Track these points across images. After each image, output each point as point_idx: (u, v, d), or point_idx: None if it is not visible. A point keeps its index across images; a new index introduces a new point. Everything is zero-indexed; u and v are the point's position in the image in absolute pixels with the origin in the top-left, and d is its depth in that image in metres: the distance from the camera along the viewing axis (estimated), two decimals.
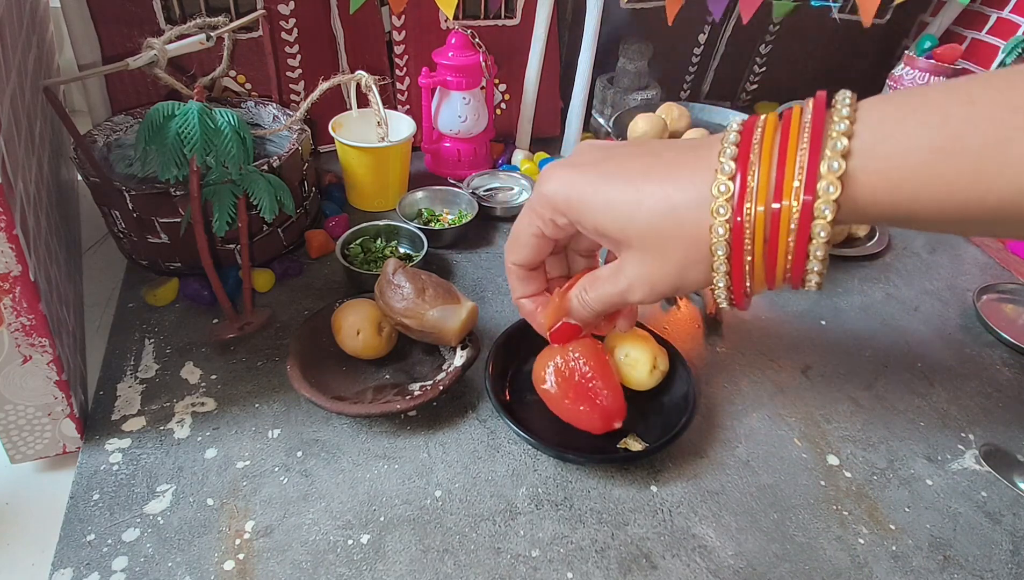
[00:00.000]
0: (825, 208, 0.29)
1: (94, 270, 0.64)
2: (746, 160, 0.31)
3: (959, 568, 0.43)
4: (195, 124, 0.54)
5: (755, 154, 0.31)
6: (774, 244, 0.31)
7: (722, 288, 0.34)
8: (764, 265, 0.32)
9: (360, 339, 0.51)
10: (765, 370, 0.57)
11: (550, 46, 0.82)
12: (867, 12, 0.77)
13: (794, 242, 0.30)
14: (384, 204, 0.74)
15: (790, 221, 0.30)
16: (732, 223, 0.31)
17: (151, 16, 0.68)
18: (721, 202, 0.31)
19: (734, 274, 0.33)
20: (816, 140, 0.29)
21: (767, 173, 0.30)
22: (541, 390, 0.47)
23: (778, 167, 0.30)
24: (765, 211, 0.30)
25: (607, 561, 0.41)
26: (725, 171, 0.31)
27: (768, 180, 0.30)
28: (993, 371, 0.59)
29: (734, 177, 0.31)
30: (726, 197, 0.31)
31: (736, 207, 0.30)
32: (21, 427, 0.44)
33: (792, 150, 0.30)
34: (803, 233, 0.30)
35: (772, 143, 0.31)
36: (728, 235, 0.31)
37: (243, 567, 0.39)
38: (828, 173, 0.29)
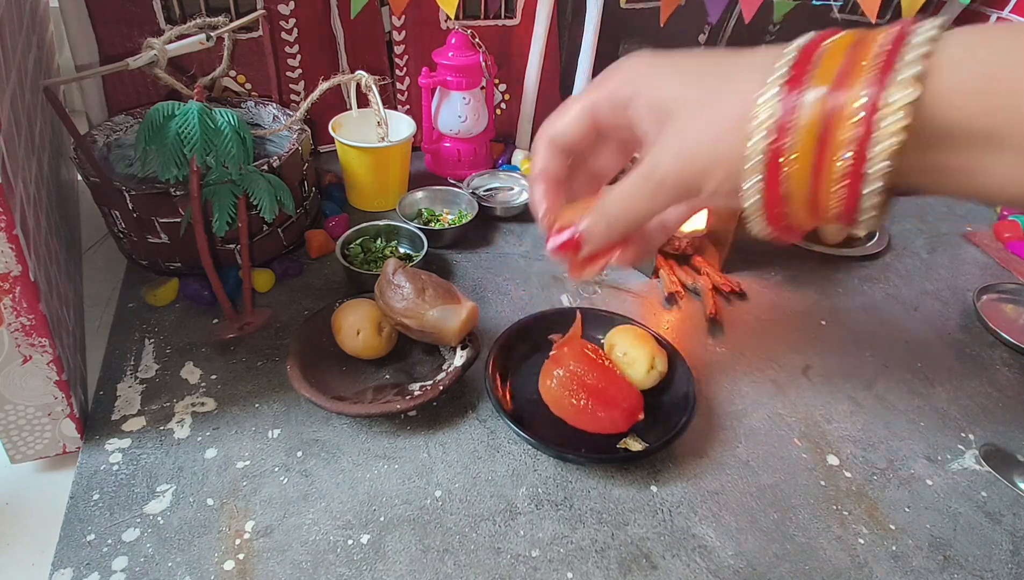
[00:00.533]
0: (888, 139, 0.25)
1: (94, 270, 0.64)
2: (808, 60, 0.27)
3: (959, 568, 0.43)
4: (195, 124, 0.54)
5: (818, 55, 0.27)
6: (826, 149, 0.27)
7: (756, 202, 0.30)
8: (810, 181, 0.28)
9: (360, 339, 0.51)
10: (765, 370, 0.57)
11: (550, 46, 0.82)
12: (871, 9, 0.77)
13: (853, 155, 0.26)
14: (384, 204, 0.74)
15: (849, 119, 0.26)
16: (774, 131, 0.27)
17: (151, 16, 0.68)
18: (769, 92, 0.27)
19: (768, 179, 0.28)
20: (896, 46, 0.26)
21: (830, 71, 0.26)
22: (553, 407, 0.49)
23: (843, 69, 0.26)
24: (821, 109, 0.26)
25: (607, 561, 0.41)
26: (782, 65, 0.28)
27: (829, 78, 0.26)
28: (993, 371, 0.59)
29: (789, 72, 0.27)
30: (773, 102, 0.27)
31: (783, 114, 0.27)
32: (21, 427, 0.44)
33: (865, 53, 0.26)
34: (863, 144, 0.26)
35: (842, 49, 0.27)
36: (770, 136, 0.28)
37: (243, 567, 0.39)
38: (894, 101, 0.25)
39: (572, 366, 0.48)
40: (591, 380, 0.47)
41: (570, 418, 0.48)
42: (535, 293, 0.63)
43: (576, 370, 0.47)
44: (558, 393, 0.48)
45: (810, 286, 0.67)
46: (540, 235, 0.72)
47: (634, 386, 0.48)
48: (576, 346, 0.49)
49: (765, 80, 0.28)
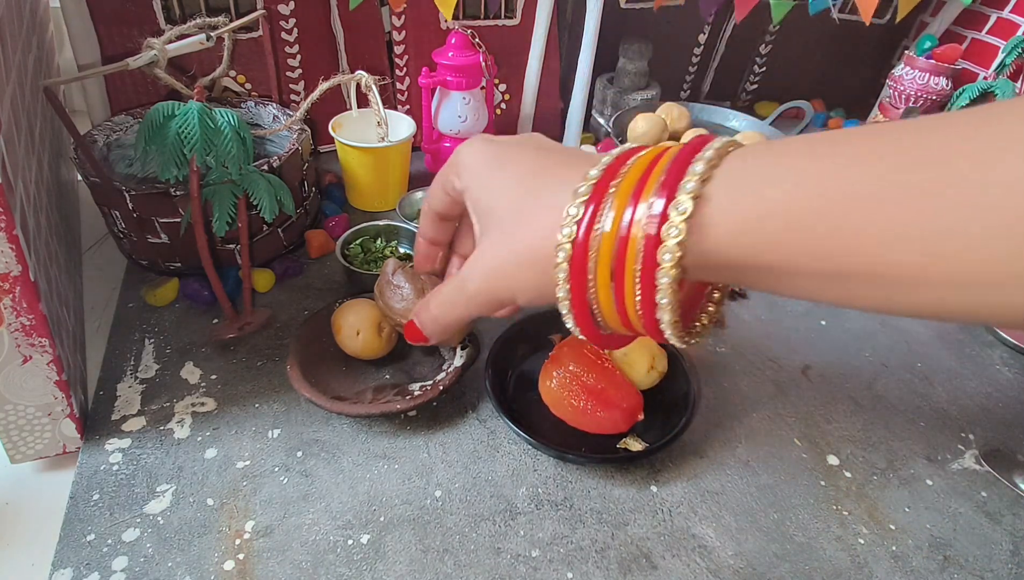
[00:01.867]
0: (666, 253, 0.26)
1: (94, 270, 0.64)
2: (604, 190, 0.29)
3: (959, 568, 0.43)
4: (195, 124, 0.54)
5: (615, 186, 0.28)
6: (620, 283, 0.28)
7: (565, 307, 0.31)
8: (613, 299, 0.29)
9: (360, 339, 0.51)
10: (765, 370, 0.57)
11: (550, 46, 0.82)
12: (866, 11, 0.77)
13: (640, 277, 0.28)
14: (384, 204, 0.74)
15: (636, 253, 0.27)
16: (575, 247, 0.29)
17: (151, 16, 0.68)
18: (569, 226, 0.29)
19: (574, 298, 0.30)
20: (674, 179, 0.27)
21: (621, 203, 0.28)
22: (553, 408, 0.48)
23: (632, 203, 0.27)
24: (613, 242, 0.28)
25: (607, 561, 0.41)
26: (580, 193, 0.29)
27: (620, 212, 0.28)
28: (993, 371, 0.59)
29: (587, 203, 0.29)
30: (574, 219, 0.29)
31: (583, 235, 0.28)
32: (21, 427, 0.44)
33: (649, 187, 0.27)
34: (648, 274, 0.27)
35: (636, 177, 0.28)
36: (570, 257, 0.29)
37: (243, 567, 0.39)
38: (676, 216, 0.26)
39: (572, 367, 0.47)
40: (591, 381, 0.47)
41: (570, 418, 0.48)
42: None
43: (576, 370, 0.47)
44: (558, 393, 0.48)
45: None
46: None
47: (634, 386, 0.48)
48: (576, 346, 0.49)
49: (570, 198, 0.29)
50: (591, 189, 0.29)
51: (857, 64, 1.04)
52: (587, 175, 0.29)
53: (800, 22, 0.89)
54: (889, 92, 0.91)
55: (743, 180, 0.26)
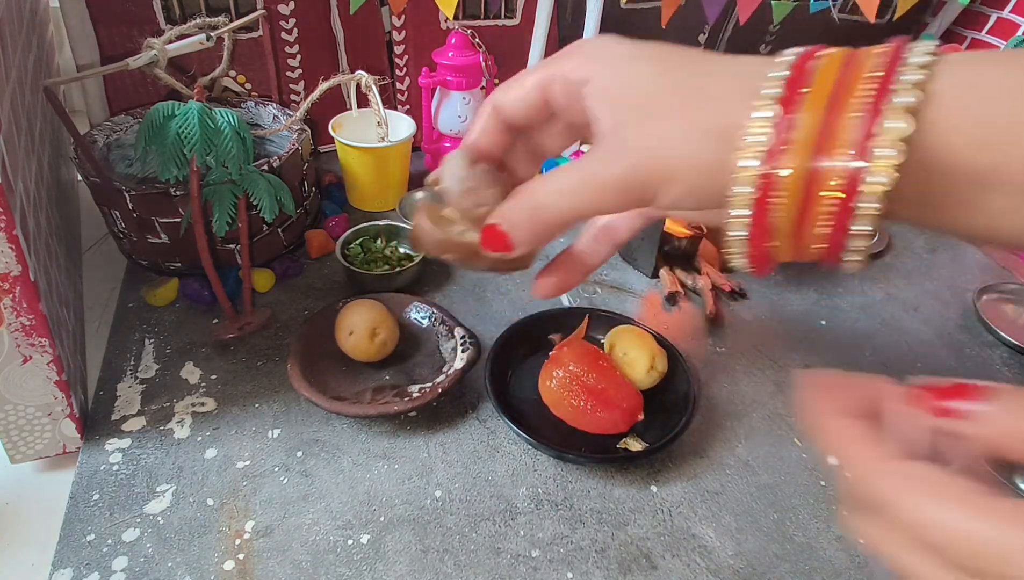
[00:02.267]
0: (880, 175, 0.24)
1: (94, 270, 0.64)
2: (794, 97, 0.25)
3: None
4: (195, 124, 0.54)
5: (806, 92, 0.25)
6: (814, 195, 0.25)
7: (741, 235, 0.27)
8: (795, 216, 0.26)
9: (351, 340, 0.51)
10: (765, 370, 0.57)
11: (550, 46, 0.82)
12: (869, 10, 0.77)
13: (843, 190, 0.24)
14: (384, 204, 0.74)
15: (841, 160, 0.24)
16: (760, 178, 0.25)
17: (151, 16, 0.68)
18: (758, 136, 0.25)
19: (756, 217, 0.26)
20: (887, 76, 0.24)
21: (819, 112, 0.24)
22: (554, 408, 0.49)
23: (831, 107, 0.24)
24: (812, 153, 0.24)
25: (607, 561, 0.41)
26: (767, 100, 0.25)
27: (819, 120, 0.24)
28: (993, 371, 0.59)
29: (776, 112, 0.25)
30: (763, 130, 0.25)
31: (776, 145, 0.24)
32: (21, 427, 0.44)
33: (856, 86, 0.24)
34: (853, 183, 0.24)
35: (831, 79, 0.25)
36: (754, 190, 0.25)
37: (243, 567, 0.39)
38: (889, 131, 0.23)
39: (572, 367, 0.48)
40: (591, 381, 0.47)
41: (570, 418, 0.48)
42: None
43: (576, 371, 0.47)
44: (558, 394, 0.48)
45: (810, 286, 0.67)
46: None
47: (634, 386, 0.48)
48: (576, 347, 0.49)
49: (756, 93, 0.25)
50: (784, 80, 0.25)
51: None
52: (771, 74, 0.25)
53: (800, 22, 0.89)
54: None
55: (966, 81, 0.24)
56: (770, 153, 0.25)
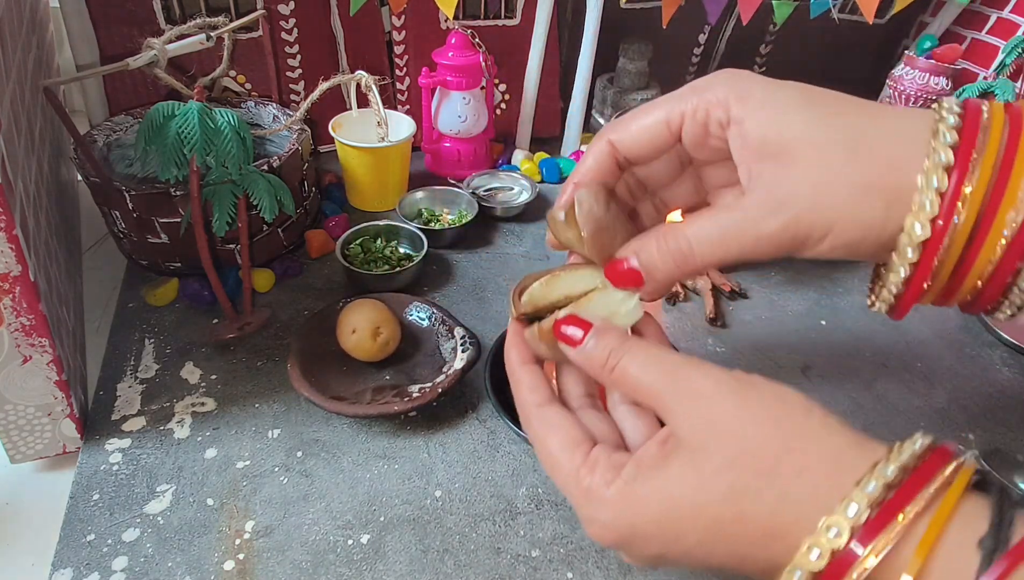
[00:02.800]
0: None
1: (94, 270, 0.64)
2: (970, 147, 0.25)
3: None
4: (195, 124, 0.54)
5: (979, 145, 0.25)
6: (972, 256, 0.25)
7: (894, 283, 0.27)
8: (953, 273, 0.26)
9: (353, 338, 0.51)
10: (765, 370, 0.57)
11: (550, 46, 0.82)
12: (868, 9, 0.77)
13: (1000, 257, 0.25)
14: (384, 204, 0.74)
15: (1001, 232, 0.25)
16: (933, 225, 0.25)
17: (151, 16, 0.68)
18: (934, 180, 0.25)
19: (916, 276, 0.26)
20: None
21: (988, 176, 0.25)
22: None
23: (1001, 170, 0.25)
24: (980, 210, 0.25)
25: (607, 561, 0.41)
26: (943, 147, 0.25)
27: (987, 184, 0.25)
28: (993, 371, 0.59)
29: (952, 158, 0.25)
30: (940, 177, 0.25)
31: (946, 208, 0.25)
32: (21, 427, 0.44)
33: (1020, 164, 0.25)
34: (1017, 249, 0.25)
35: (999, 140, 0.25)
36: (925, 235, 0.25)
37: (243, 567, 0.39)
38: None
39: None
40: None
41: None
42: None
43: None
44: None
45: (810, 286, 0.67)
46: (542, 237, 0.72)
47: None
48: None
49: (923, 152, 0.25)
50: (957, 137, 0.25)
51: (857, 64, 1.04)
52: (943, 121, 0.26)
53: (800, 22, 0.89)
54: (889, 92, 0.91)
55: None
56: (942, 217, 0.25)
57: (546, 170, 0.81)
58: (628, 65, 0.87)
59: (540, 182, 0.82)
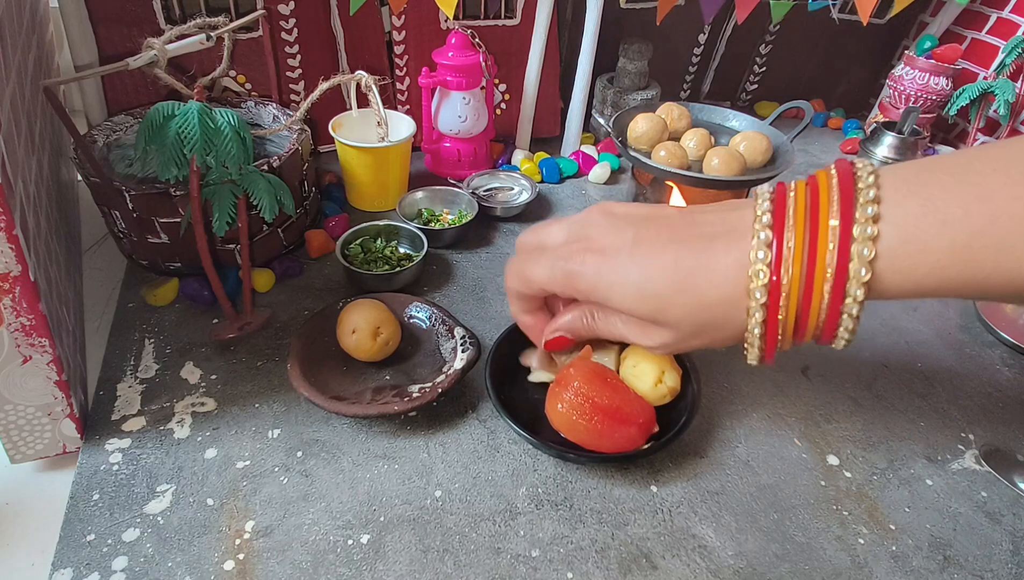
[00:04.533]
0: (861, 268, 0.31)
1: (94, 270, 0.64)
2: (782, 224, 0.33)
3: (959, 568, 0.43)
4: (195, 124, 0.54)
5: (789, 221, 0.32)
6: (807, 305, 0.33)
7: (754, 349, 0.35)
8: (795, 325, 0.34)
9: (354, 338, 0.51)
10: (765, 370, 0.57)
11: (550, 46, 0.82)
12: (864, 11, 0.77)
13: (828, 302, 0.32)
14: (384, 204, 0.74)
15: (824, 282, 0.32)
16: (770, 286, 0.32)
17: (151, 16, 0.68)
18: (760, 267, 0.32)
19: (768, 333, 0.34)
20: (846, 202, 0.31)
21: (802, 239, 0.32)
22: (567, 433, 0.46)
23: (810, 234, 0.32)
24: (800, 272, 0.32)
25: (607, 561, 0.41)
26: (763, 238, 0.33)
27: (803, 246, 0.32)
28: (993, 371, 0.59)
29: (771, 244, 0.32)
30: (765, 263, 0.32)
31: (774, 269, 0.32)
32: (21, 427, 0.44)
33: (824, 213, 0.32)
34: (837, 293, 0.32)
35: (804, 207, 0.33)
36: (766, 298, 0.33)
37: (243, 567, 0.39)
38: (860, 237, 0.31)
39: (579, 385, 0.45)
40: (604, 400, 0.44)
41: (587, 442, 0.45)
42: None
43: (586, 390, 0.45)
44: (569, 417, 0.45)
45: None
46: None
47: (644, 399, 0.47)
48: (581, 367, 0.46)
49: (747, 266, 0.33)
50: (771, 229, 0.33)
51: (857, 64, 1.04)
52: (758, 219, 0.33)
53: (800, 22, 0.89)
54: (889, 92, 0.91)
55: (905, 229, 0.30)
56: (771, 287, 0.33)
57: (546, 170, 0.82)
58: (628, 65, 0.87)
59: (540, 182, 0.82)
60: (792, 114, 0.85)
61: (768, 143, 0.76)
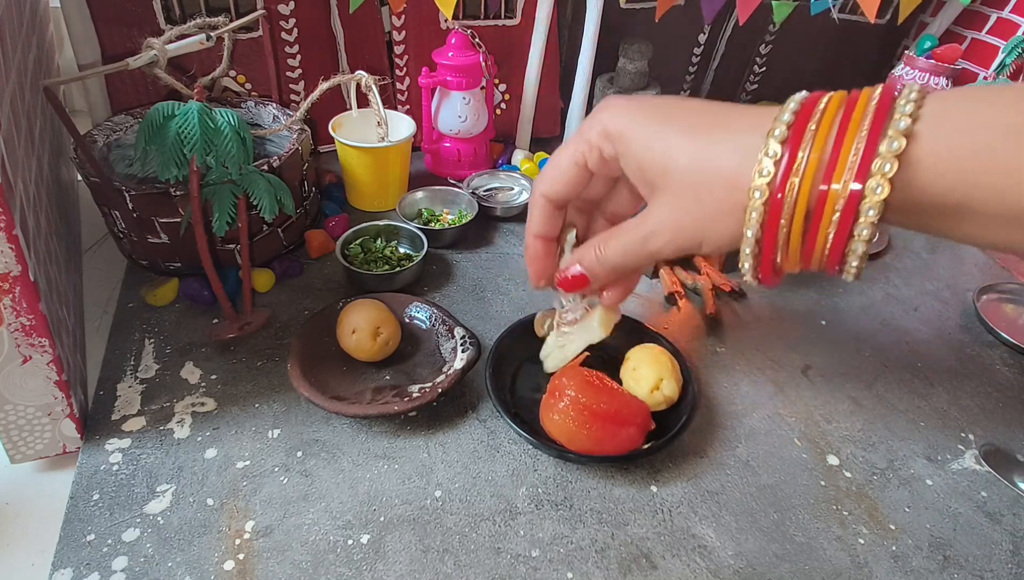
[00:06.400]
0: (878, 187, 0.28)
1: (94, 270, 0.64)
2: (800, 135, 0.29)
3: (959, 568, 0.43)
4: (195, 124, 0.54)
5: (811, 131, 0.29)
6: (816, 222, 0.30)
7: (748, 255, 0.32)
8: (801, 243, 0.31)
9: (354, 339, 0.51)
10: (765, 370, 0.57)
11: (550, 46, 0.82)
12: (870, 10, 0.77)
13: (838, 222, 0.29)
14: (384, 204, 0.74)
15: (836, 201, 0.29)
16: (771, 196, 0.30)
17: (151, 16, 0.68)
18: (768, 166, 0.30)
19: (765, 245, 0.31)
20: (879, 120, 0.28)
21: (820, 150, 0.29)
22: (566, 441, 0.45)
23: (834, 146, 0.29)
24: (811, 189, 0.29)
25: (607, 561, 0.41)
26: (777, 135, 0.30)
27: (820, 158, 0.29)
28: (993, 371, 0.59)
29: (783, 150, 0.29)
30: (773, 159, 0.30)
31: (780, 183, 0.29)
32: (21, 427, 0.44)
33: (853, 130, 0.29)
34: (848, 213, 0.29)
35: (832, 121, 0.29)
36: (765, 207, 0.30)
37: (243, 567, 0.39)
38: (887, 152, 0.28)
39: (581, 398, 0.44)
40: (600, 406, 0.44)
41: (588, 449, 0.45)
42: (535, 293, 0.63)
43: (581, 398, 0.44)
44: (566, 426, 0.44)
45: (810, 286, 0.67)
46: None
47: (637, 398, 0.47)
48: (573, 374, 0.46)
49: (761, 141, 0.30)
50: (787, 131, 0.30)
51: (857, 64, 1.04)
52: (778, 118, 0.30)
53: (800, 22, 0.89)
54: None
55: (945, 123, 0.28)
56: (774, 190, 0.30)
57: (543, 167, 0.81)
58: (628, 65, 0.87)
59: None
60: None
61: None
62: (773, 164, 0.29)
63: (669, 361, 0.50)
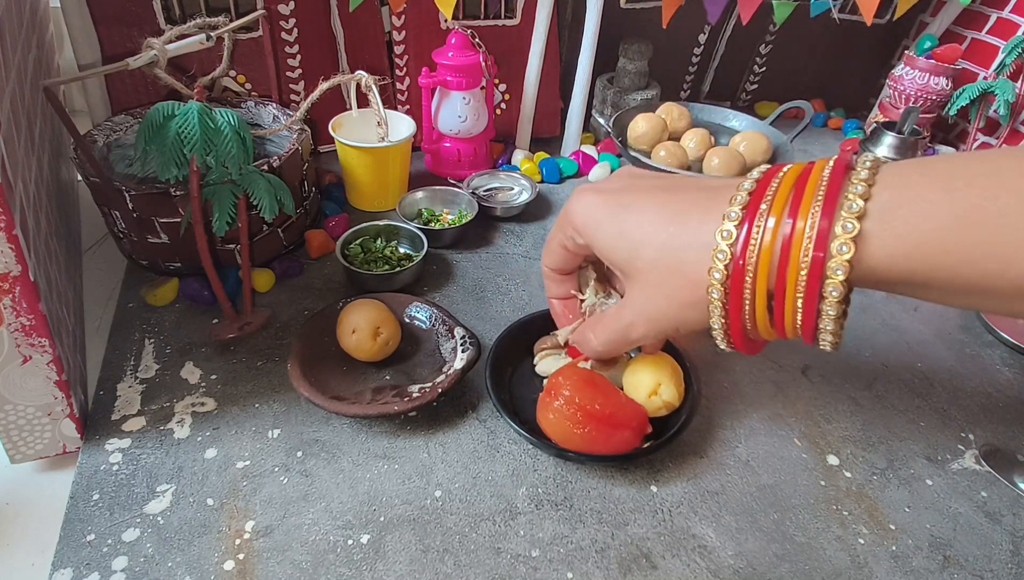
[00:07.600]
0: (837, 268, 0.29)
1: (94, 270, 0.64)
2: (756, 208, 0.31)
3: (959, 568, 0.43)
4: (195, 124, 0.54)
5: (767, 203, 0.31)
6: (780, 297, 0.31)
7: (717, 329, 0.34)
8: (770, 316, 0.32)
9: (354, 338, 0.51)
10: (765, 370, 0.57)
11: (550, 46, 0.82)
12: (868, 11, 0.77)
13: (803, 298, 0.30)
14: (384, 204, 0.74)
15: (798, 276, 0.30)
16: (731, 268, 0.31)
17: (151, 16, 0.68)
18: (723, 246, 0.31)
19: (731, 317, 0.33)
20: (831, 198, 0.29)
21: (777, 224, 0.30)
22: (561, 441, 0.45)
23: (790, 219, 0.30)
24: (770, 260, 0.30)
25: (607, 561, 0.41)
26: (732, 217, 0.31)
27: (778, 231, 0.30)
28: (993, 371, 0.59)
29: (741, 223, 0.31)
30: (728, 242, 0.31)
31: (739, 252, 0.31)
32: (21, 427, 0.44)
33: (806, 205, 0.29)
34: (812, 289, 0.30)
35: (787, 195, 0.30)
36: (725, 278, 0.31)
37: (243, 567, 0.39)
38: (841, 233, 0.28)
39: (569, 394, 0.44)
40: (596, 407, 0.44)
41: (583, 449, 0.44)
42: (535, 293, 0.63)
43: (577, 399, 0.44)
44: (562, 426, 0.44)
45: None
46: (542, 238, 0.72)
47: (634, 401, 0.46)
48: (570, 374, 0.46)
49: (712, 244, 0.32)
50: (743, 210, 0.31)
51: (857, 64, 1.04)
52: (734, 198, 0.32)
53: (800, 22, 0.89)
54: (889, 92, 0.91)
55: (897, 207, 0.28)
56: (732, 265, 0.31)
57: (546, 170, 0.82)
58: (628, 65, 0.87)
59: (540, 182, 0.82)
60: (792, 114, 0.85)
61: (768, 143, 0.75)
62: (728, 245, 0.31)
63: (670, 366, 0.49)
